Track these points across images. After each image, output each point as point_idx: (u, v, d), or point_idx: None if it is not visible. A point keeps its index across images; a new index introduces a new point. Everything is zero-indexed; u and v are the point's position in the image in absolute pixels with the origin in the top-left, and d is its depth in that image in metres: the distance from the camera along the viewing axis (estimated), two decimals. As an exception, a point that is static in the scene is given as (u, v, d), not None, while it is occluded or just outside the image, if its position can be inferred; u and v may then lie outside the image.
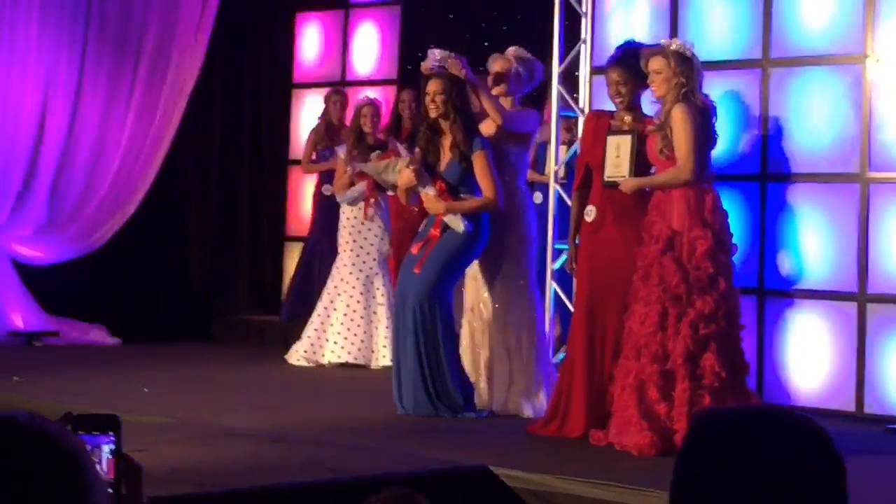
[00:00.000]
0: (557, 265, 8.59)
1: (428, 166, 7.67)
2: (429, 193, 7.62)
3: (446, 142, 7.66)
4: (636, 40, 7.36)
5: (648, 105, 7.16)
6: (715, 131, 6.86)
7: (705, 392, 6.45)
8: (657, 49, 6.89)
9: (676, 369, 6.48)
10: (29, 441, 1.92)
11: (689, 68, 6.70)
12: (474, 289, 7.87)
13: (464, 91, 7.66)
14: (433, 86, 7.62)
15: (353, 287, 10.03)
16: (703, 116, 6.75)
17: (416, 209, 8.54)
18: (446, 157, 7.67)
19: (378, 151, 9.53)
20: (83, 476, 1.92)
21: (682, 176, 6.69)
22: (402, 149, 8.85)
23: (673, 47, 6.83)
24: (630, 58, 7.06)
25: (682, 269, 6.56)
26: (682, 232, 6.61)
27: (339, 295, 10.06)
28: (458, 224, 7.53)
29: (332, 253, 10.45)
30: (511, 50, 8.09)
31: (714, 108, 6.85)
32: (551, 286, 8.87)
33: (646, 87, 6.92)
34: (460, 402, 7.54)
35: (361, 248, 10.09)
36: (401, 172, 7.71)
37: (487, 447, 6.70)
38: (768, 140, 8.16)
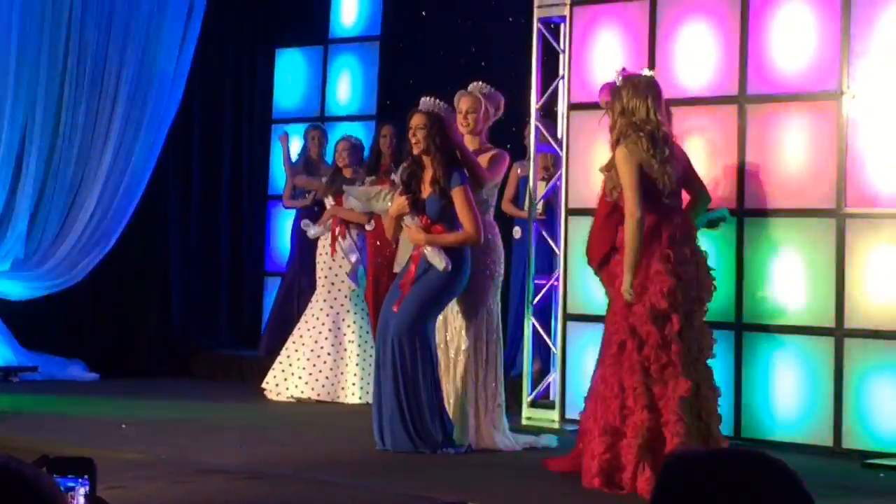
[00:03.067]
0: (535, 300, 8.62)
1: (414, 199, 7.70)
2: (412, 225, 7.64)
3: (427, 176, 7.69)
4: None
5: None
6: (670, 152, 6.60)
7: (665, 428, 6.40)
8: None
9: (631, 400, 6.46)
10: (4, 484, 1.92)
11: (619, 98, 6.59)
12: (440, 324, 7.88)
13: (445, 128, 7.68)
14: (415, 120, 7.66)
15: (323, 323, 10.04)
16: (654, 142, 6.55)
17: (395, 246, 8.54)
18: (426, 191, 7.69)
19: (372, 177, 9.57)
20: None
21: (630, 218, 6.51)
22: (397, 179, 8.85)
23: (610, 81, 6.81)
24: None
25: (632, 305, 6.48)
26: (641, 268, 6.49)
27: (308, 330, 10.07)
28: (438, 261, 7.54)
29: (311, 288, 10.47)
30: (475, 86, 8.09)
31: (667, 132, 6.66)
32: (530, 321, 8.89)
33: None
34: (439, 438, 7.54)
35: (333, 284, 10.11)
36: (395, 199, 7.73)
37: (466, 483, 6.69)
38: (745, 176, 8.20)
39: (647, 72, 6.93)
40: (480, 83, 8.09)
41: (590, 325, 8.37)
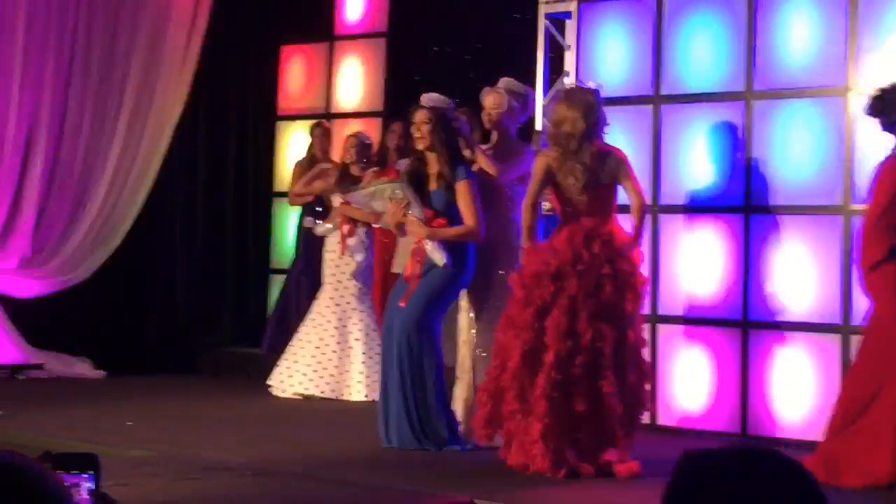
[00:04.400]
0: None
1: (420, 193, 7.68)
2: (414, 218, 7.60)
3: (432, 171, 7.68)
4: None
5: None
6: (586, 167, 7.04)
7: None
8: None
9: None
10: (10, 480, 1.91)
11: (554, 109, 7.19)
12: (465, 321, 7.86)
13: (449, 123, 7.67)
14: (419, 116, 7.65)
15: (329, 321, 10.03)
16: (568, 156, 7.04)
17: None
18: (432, 186, 7.68)
19: (376, 168, 9.60)
20: None
21: (525, 202, 7.28)
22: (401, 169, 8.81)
23: None
24: None
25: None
26: (541, 251, 7.13)
27: (314, 328, 10.06)
28: (438, 258, 7.52)
29: (314, 285, 10.46)
30: (502, 82, 8.07)
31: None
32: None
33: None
34: (445, 436, 7.53)
35: (339, 281, 10.09)
36: (389, 211, 7.70)
37: (472, 480, 6.68)
38: (752, 172, 8.18)
39: (592, 84, 7.33)
40: (509, 79, 8.06)
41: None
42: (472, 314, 7.81)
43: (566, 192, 7.05)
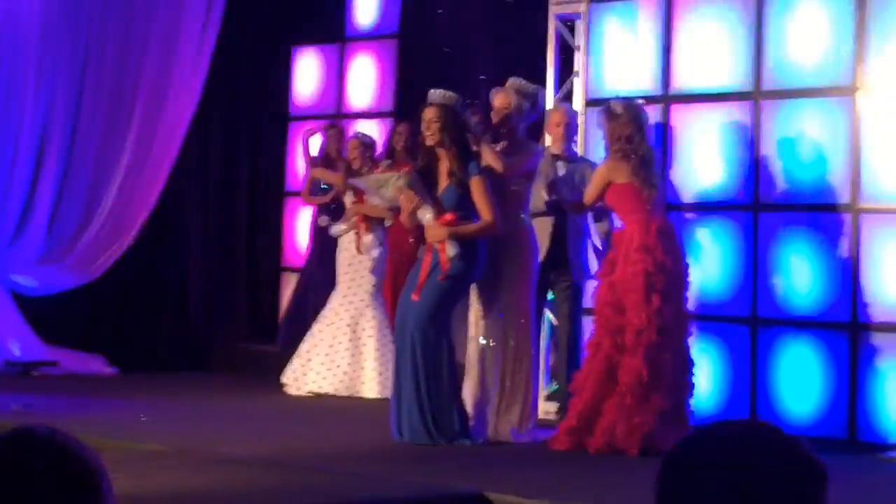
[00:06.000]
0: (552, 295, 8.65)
1: (428, 188, 7.73)
2: (429, 222, 7.65)
3: (444, 168, 7.73)
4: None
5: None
6: (654, 171, 7.66)
7: (624, 392, 7.36)
8: None
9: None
10: (48, 454, 1.96)
11: (618, 124, 7.65)
12: (474, 316, 7.91)
13: (459, 119, 7.72)
14: (428, 113, 7.69)
15: (342, 319, 10.07)
16: (644, 165, 7.64)
17: (412, 240, 8.58)
18: (444, 183, 7.73)
19: (388, 161, 9.63)
20: (101, 489, 1.97)
21: (583, 202, 8.03)
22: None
23: None
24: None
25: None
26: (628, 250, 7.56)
27: (328, 325, 10.10)
28: (449, 249, 7.57)
29: (327, 283, 10.50)
30: (511, 82, 8.09)
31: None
32: (546, 315, 8.92)
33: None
34: (457, 429, 7.58)
35: (353, 279, 10.13)
36: (401, 202, 7.75)
37: (483, 473, 6.73)
38: (760, 171, 8.23)
39: (639, 100, 7.86)
40: (517, 79, 8.08)
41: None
42: (480, 309, 7.86)
43: (643, 197, 7.55)
